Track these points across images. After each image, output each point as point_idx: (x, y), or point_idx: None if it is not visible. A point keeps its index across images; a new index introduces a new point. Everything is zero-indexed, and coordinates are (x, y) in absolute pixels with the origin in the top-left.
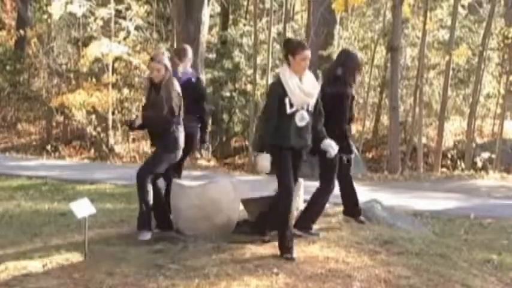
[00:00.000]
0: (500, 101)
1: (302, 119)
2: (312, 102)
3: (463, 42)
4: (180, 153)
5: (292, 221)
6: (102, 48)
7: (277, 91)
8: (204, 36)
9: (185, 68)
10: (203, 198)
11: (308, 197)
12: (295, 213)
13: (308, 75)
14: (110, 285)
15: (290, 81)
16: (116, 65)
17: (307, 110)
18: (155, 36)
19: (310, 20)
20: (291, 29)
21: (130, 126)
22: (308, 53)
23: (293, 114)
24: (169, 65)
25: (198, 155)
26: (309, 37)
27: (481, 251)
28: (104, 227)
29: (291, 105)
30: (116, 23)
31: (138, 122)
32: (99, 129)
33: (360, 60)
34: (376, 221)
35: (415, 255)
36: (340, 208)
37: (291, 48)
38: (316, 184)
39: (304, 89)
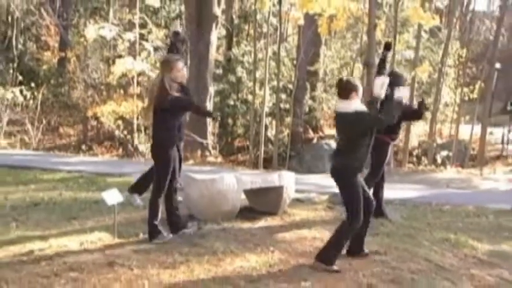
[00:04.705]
0: (456, 108)
1: None
2: None
3: (425, 60)
4: None
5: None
6: (127, 65)
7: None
8: (213, 55)
9: None
10: (212, 189)
11: (300, 188)
12: (287, 201)
13: None
14: (135, 260)
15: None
16: (140, 78)
17: None
18: None
19: (300, 42)
20: (284, 48)
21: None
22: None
23: None
24: None
25: (207, 153)
26: (299, 55)
27: (441, 231)
28: (130, 213)
29: None
30: (139, 44)
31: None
32: (125, 132)
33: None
34: None
35: (387, 236)
36: (325, 196)
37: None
38: (304, 177)
39: None
